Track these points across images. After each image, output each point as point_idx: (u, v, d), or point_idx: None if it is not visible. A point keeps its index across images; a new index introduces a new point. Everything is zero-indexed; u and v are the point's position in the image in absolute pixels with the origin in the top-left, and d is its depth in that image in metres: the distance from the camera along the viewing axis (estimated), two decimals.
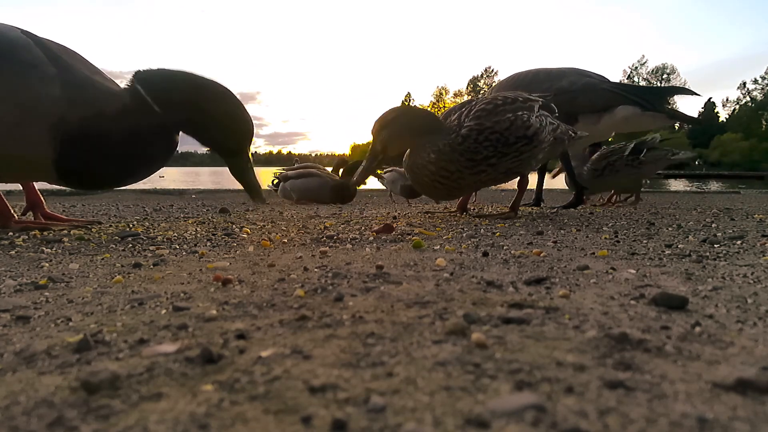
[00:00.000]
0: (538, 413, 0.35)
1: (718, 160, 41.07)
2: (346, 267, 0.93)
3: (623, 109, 2.59)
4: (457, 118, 1.81)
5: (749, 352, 0.48)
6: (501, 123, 1.77)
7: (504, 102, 1.83)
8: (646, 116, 2.60)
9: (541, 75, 2.73)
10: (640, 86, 2.66)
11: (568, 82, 2.59)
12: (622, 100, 2.58)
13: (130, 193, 5.04)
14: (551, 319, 0.59)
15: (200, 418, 0.35)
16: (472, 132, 1.74)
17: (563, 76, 2.68)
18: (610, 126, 2.67)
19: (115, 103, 1.36)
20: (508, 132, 1.77)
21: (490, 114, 1.78)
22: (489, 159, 1.77)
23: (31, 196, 1.72)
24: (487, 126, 1.75)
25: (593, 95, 2.58)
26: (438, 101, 60.88)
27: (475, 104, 1.84)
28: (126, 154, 1.39)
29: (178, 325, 0.57)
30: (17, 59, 1.29)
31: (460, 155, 1.74)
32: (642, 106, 2.57)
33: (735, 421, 0.34)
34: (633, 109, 2.58)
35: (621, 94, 2.58)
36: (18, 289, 0.79)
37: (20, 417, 0.36)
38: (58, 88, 1.30)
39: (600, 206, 3.10)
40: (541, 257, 1.04)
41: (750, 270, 0.90)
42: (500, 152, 1.77)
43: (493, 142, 1.75)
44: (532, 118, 1.83)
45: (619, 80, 30.94)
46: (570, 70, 2.74)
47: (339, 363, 0.45)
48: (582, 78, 2.67)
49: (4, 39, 1.32)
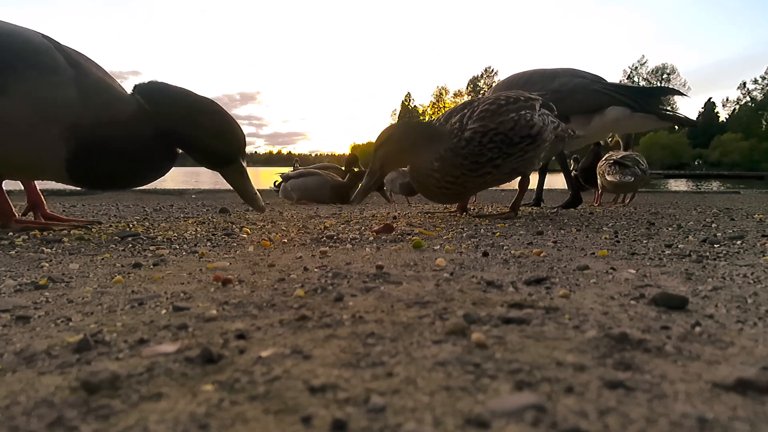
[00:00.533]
0: (538, 413, 0.35)
1: (718, 160, 41.08)
2: (346, 267, 0.93)
3: (613, 110, 2.59)
4: (459, 120, 1.80)
5: (749, 352, 0.48)
6: (505, 123, 1.77)
7: (507, 102, 1.83)
8: (636, 117, 2.61)
9: (534, 77, 2.75)
10: (631, 87, 2.65)
11: (559, 83, 2.60)
12: (612, 101, 2.59)
13: (130, 193, 5.04)
14: (551, 319, 0.59)
15: (200, 418, 0.35)
16: (476, 134, 1.74)
17: (556, 76, 2.69)
18: (601, 127, 2.68)
19: (127, 109, 1.41)
20: (512, 132, 1.77)
21: (494, 115, 1.78)
22: (494, 160, 1.77)
23: (32, 196, 1.72)
24: (491, 127, 1.75)
25: (583, 96, 2.58)
26: (438, 101, 60.89)
27: (478, 105, 1.83)
28: (134, 159, 1.44)
29: (178, 325, 0.57)
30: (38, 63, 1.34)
31: (464, 159, 1.74)
32: (632, 108, 2.58)
33: (735, 421, 0.34)
34: (623, 110, 2.58)
35: (611, 95, 2.59)
36: (18, 289, 0.79)
37: (20, 417, 0.36)
38: (74, 91, 1.35)
39: (599, 206, 3.10)
40: (541, 257, 1.04)
41: (750, 270, 0.90)
42: (505, 153, 1.77)
43: (497, 143, 1.75)
44: (535, 116, 1.83)
45: (619, 80, 30.50)
46: (563, 71, 2.75)
47: (339, 363, 0.45)
48: (574, 79, 2.68)
49: (29, 44, 1.37)
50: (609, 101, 2.58)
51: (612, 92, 2.59)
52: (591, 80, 2.67)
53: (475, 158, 1.74)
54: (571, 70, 2.76)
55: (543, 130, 1.84)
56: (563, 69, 2.77)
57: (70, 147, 1.35)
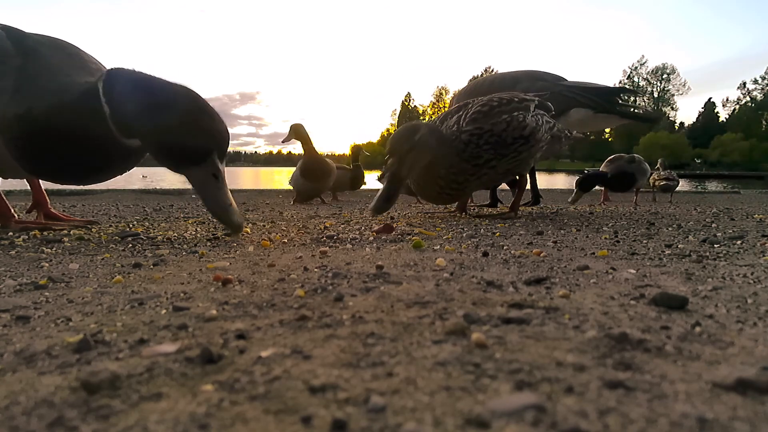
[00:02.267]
0: (538, 413, 0.35)
1: (718, 160, 41.08)
2: (346, 267, 0.93)
3: (576, 112, 2.67)
4: (456, 122, 1.81)
5: (749, 352, 0.48)
6: (498, 125, 1.78)
7: (500, 103, 1.84)
8: (598, 117, 2.69)
9: (496, 82, 2.81)
10: (591, 88, 2.69)
11: (521, 88, 2.62)
12: (575, 103, 2.65)
13: (130, 193, 5.04)
14: (551, 319, 0.59)
15: (200, 418, 0.35)
16: (473, 137, 1.75)
17: (517, 81, 2.75)
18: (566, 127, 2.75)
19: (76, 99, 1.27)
20: (505, 133, 1.78)
21: (486, 116, 1.79)
22: (490, 162, 1.78)
23: (36, 195, 1.73)
24: (486, 129, 1.76)
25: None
26: (438, 101, 60.86)
27: (471, 107, 1.84)
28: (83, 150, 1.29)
29: (178, 325, 0.57)
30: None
31: (466, 162, 1.75)
32: (593, 108, 2.64)
33: (735, 421, 0.34)
34: (585, 112, 2.66)
35: (573, 98, 2.65)
36: (18, 289, 0.79)
37: (20, 417, 0.36)
38: (11, 81, 1.27)
39: (599, 206, 3.11)
40: (541, 257, 1.04)
41: (750, 270, 0.90)
42: (499, 154, 1.78)
43: (492, 144, 1.76)
44: (528, 117, 1.84)
45: (619, 80, 30.64)
46: (524, 75, 2.81)
47: (339, 363, 0.45)
48: (536, 83, 2.72)
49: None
50: (572, 104, 2.65)
51: (574, 94, 2.65)
52: (552, 83, 2.72)
53: (475, 161, 1.76)
54: (532, 73, 2.83)
55: (536, 130, 1.85)
56: (524, 72, 2.83)
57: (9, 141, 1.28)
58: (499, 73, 3.00)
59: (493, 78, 2.93)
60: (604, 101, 2.65)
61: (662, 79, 53.56)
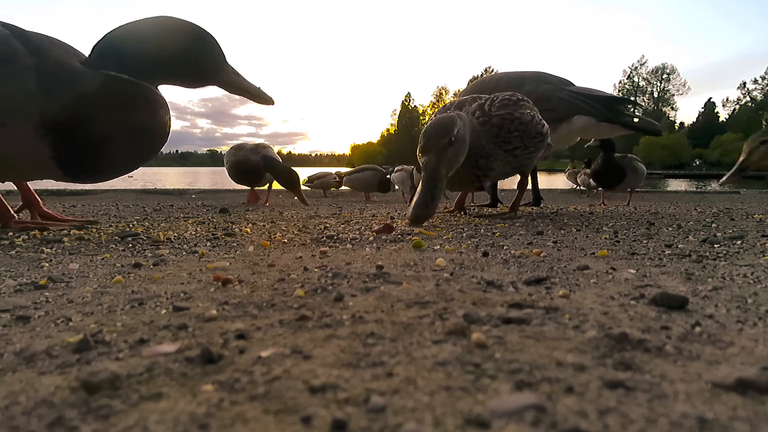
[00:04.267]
0: (538, 413, 0.35)
1: (718, 160, 41.05)
2: (346, 267, 0.93)
3: (579, 119, 2.66)
4: (478, 109, 1.78)
5: (749, 352, 0.48)
6: (525, 116, 1.80)
7: (522, 98, 1.87)
8: (601, 126, 2.67)
9: (503, 81, 2.79)
10: (596, 96, 2.64)
11: (527, 89, 2.61)
12: (578, 111, 2.64)
13: (130, 193, 5.04)
14: (551, 319, 0.59)
15: (200, 418, 0.35)
16: (505, 121, 1.74)
17: (523, 82, 2.73)
18: (568, 134, 2.74)
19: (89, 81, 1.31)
20: (530, 126, 1.80)
21: (516, 105, 1.80)
22: (515, 150, 1.78)
23: (26, 195, 1.71)
24: (516, 116, 1.77)
25: (551, 105, 2.62)
26: (438, 101, 60.88)
27: (497, 96, 1.84)
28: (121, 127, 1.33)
29: (178, 325, 0.57)
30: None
31: (498, 147, 1.74)
32: (597, 117, 2.62)
33: (735, 421, 0.34)
34: (588, 120, 2.64)
35: (577, 104, 2.63)
36: (18, 289, 0.79)
37: (20, 417, 0.36)
38: (34, 80, 1.26)
39: (599, 206, 3.11)
40: (541, 257, 1.04)
41: (750, 270, 0.90)
42: (524, 144, 1.79)
43: (520, 132, 1.77)
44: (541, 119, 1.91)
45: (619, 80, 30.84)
46: (530, 76, 2.79)
47: (339, 363, 0.45)
48: (541, 85, 2.70)
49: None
50: (575, 110, 2.64)
51: (578, 101, 2.63)
52: (557, 86, 2.71)
53: (506, 146, 1.75)
54: (538, 75, 2.81)
55: (548, 132, 1.91)
56: (530, 73, 2.82)
57: (48, 139, 1.27)
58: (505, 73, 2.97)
59: (500, 77, 2.90)
60: (608, 110, 2.62)
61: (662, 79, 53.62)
